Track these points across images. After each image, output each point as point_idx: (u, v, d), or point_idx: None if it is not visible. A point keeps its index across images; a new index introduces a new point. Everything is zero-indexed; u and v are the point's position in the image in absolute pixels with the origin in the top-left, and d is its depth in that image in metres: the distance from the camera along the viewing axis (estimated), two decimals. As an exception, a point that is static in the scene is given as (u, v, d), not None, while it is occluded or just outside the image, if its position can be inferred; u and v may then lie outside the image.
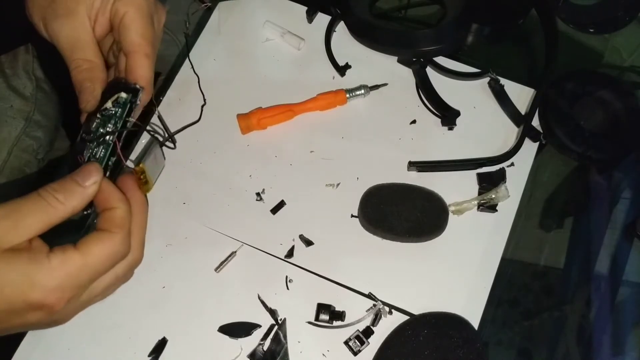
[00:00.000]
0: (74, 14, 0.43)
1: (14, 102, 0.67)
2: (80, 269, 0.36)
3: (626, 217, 0.60)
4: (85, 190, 0.38)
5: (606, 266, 0.59)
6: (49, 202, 0.36)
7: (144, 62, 0.44)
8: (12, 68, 0.68)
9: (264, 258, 0.56)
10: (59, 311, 0.36)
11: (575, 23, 0.67)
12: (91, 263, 0.37)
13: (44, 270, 0.35)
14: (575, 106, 0.60)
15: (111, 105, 0.44)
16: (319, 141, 0.60)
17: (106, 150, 0.43)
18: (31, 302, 0.35)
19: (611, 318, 0.57)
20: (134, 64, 0.44)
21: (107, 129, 0.44)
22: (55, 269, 0.35)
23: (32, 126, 0.68)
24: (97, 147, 0.43)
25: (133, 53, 0.44)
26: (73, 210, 0.37)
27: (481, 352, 0.51)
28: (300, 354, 0.53)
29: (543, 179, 0.61)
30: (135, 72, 0.44)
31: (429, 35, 0.60)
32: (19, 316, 0.36)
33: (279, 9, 0.65)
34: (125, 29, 0.44)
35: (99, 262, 0.37)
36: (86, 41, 0.44)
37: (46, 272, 0.35)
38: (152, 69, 0.45)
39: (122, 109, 0.44)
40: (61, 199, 0.37)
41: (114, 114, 0.44)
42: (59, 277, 0.35)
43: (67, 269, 0.36)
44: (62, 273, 0.36)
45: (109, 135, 0.43)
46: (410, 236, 0.55)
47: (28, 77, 0.69)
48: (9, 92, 0.67)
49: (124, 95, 0.44)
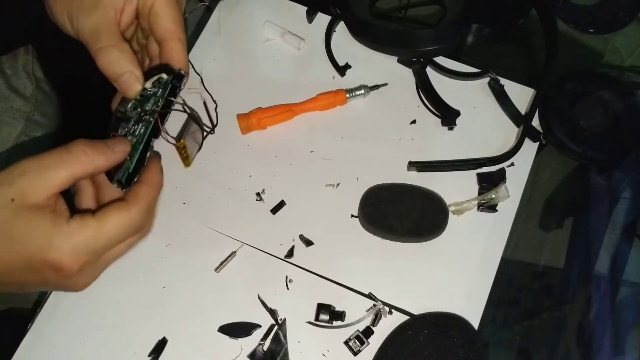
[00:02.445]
0: (99, 5, 0.43)
1: (14, 103, 0.67)
2: (96, 236, 0.38)
3: (626, 217, 0.60)
4: (114, 154, 0.40)
5: (606, 266, 0.59)
6: (77, 155, 0.38)
7: (179, 47, 0.45)
8: (12, 68, 0.68)
9: (264, 258, 0.56)
10: (73, 275, 0.38)
11: (575, 23, 0.67)
12: (107, 231, 0.39)
13: (63, 233, 0.37)
14: (575, 106, 0.60)
15: (151, 86, 0.45)
16: (319, 141, 0.60)
17: (146, 128, 0.44)
18: (48, 261, 0.37)
19: (611, 318, 0.57)
20: (170, 50, 0.45)
21: (147, 108, 0.44)
22: (73, 234, 0.37)
23: (32, 126, 0.68)
24: (136, 124, 0.44)
25: (168, 40, 0.45)
26: (97, 168, 0.39)
27: (481, 352, 0.51)
28: (300, 354, 0.53)
29: (543, 179, 0.61)
30: (172, 57, 0.45)
31: (429, 35, 0.60)
32: (36, 273, 0.38)
33: (279, 9, 0.65)
34: (156, 17, 0.45)
35: (115, 232, 0.39)
36: (109, 29, 0.44)
37: (64, 236, 0.37)
38: (186, 53, 0.46)
39: (164, 90, 0.45)
40: (89, 154, 0.38)
41: (153, 93, 0.45)
42: (75, 241, 0.37)
43: (84, 235, 0.38)
44: (79, 238, 0.37)
45: (149, 115, 0.44)
46: (410, 236, 0.55)
47: (28, 77, 0.69)
48: (9, 92, 0.67)
49: (164, 77, 0.45)
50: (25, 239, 0.37)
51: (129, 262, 0.55)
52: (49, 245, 0.37)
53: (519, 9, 0.66)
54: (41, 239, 0.37)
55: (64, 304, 0.54)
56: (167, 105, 0.45)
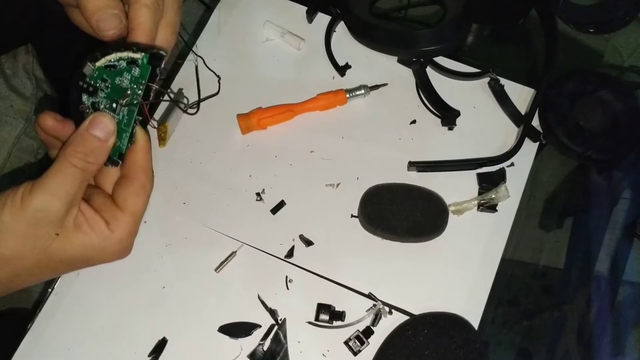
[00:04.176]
0: None
1: (14, 102, 0.67)
2: (134, 224, 0.42)
3: (626, 217, 0.60)
4: (107, 145, 0.41)
5: (606, 266, 0.59)
6: (83, 167, 0.40)
7: (145, 14, 0.41)
8: (12, 68, 0.68)
9: (264, 258, 0.56)
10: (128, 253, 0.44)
11: (575, 23, 0.67)
12: (139, 214, 0.43)
13: (113, 242, 0.41)
14: (575, 106, 0.60)
15: (119, 60, 0.41)
16: (319, 141, 0.60)
17: (130, 116, 0.42)
18: (108, 262, 0.43)
19: (611, 318, 0.57)
20: (134, 18, 0.41)
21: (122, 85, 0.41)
22: (122, 238, 0.42)
23: (32, 126, 0.68)
24: (110, 102, 0.42)
25: (132, 3, 0.41)
26: (102, 164, 0.41)
27: (481, 352, 0.51)
28: (300, 354, 0.53)
29: (543, 179, 0.61)
30: (135, 28, 0.41)
31: (429, 35, 0.60)
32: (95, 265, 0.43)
33: (279, 9, 0.65)
34: None
35: (143, 210, 0.43)
36: None
37: (116, 243, 0.41)
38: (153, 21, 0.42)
39: (142, 70, 0.41)
40: (92, 161, 0.40)
41: (125, 70, 0.41)
42: (125, 240, 0.42)
43: (128, 231, 0.42)
44: (125, 236, 0.42)
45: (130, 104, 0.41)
46: (410, 236, 0.55)
47: (28, 77, 0.69)
48: (9, 92, 0.67)
49: (137, 56, 0.40)
50: (83, 257, 0.41)
51: (129, 262, 0.55)
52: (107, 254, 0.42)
53: (519, 9, 0.66)
54: (97, 254, 0.41)
55: (64, 304, 0.54)
56: (147, 90, 0.42)
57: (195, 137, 0.60)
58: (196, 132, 0.60)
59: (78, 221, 0.40)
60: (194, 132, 0.60)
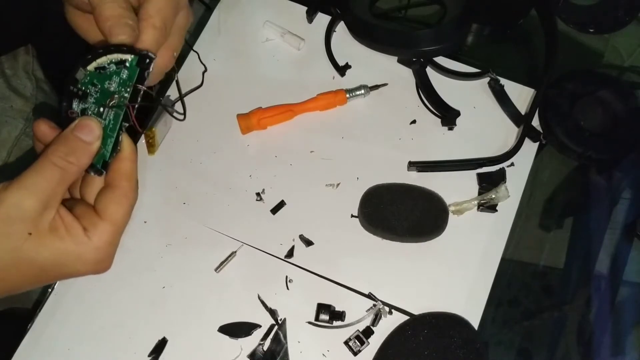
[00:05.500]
0: None
1: (14, 103, 0.67)
2: (113, 233, 0.41)
3: (626, 217, 0.60)
4: (92, 148, 0.40)
5: (606, 266, 0.59)
6: (63, 166, 0.39)
7: (150, 32, 0.42)
8: (12, 68, 0.68)
9: (264, 258, 0.56)
10: (107, 267, 0.42)
11: (575, 23, 0.67)
12: (119, 224, 0.41)
13: (90, 249, 0.39)
14: (575, 106, 0.60)
15: (109, 63, 0.41)
16: (319, 141, 0.60)
17: (118, 116, 0.41)
18: (83, 273, 0.41)
19: (611, 318, 0.57)
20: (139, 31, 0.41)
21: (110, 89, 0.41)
22: (99, 246, 0.40)
23: (32, 126, 0.68)
24: (98, 107, 0.41)
25: (142, 21, 0.42)
26: (83, 167, 0.40)
27: (481, 352, 0.51)
28: (300, 354, 0.53)
29: (543, 179, 0.61)
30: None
31: (429, 35, 0.60)
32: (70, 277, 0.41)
33: (279, 9, 0.65)
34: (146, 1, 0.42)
35: (124, 219, 0.41)
36: None
37: (92, 250, 0.39)
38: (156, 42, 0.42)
39: (131, 73, 0.41)
40: (74, 161, 0.39)
41: (114, 73, 0.41)
42: (102, 249, 0.40)
43: (105, 240, 0.40)
44: (103, 245, 0.40)
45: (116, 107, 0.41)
46: (410, 236, 0.55)
47: (28, 77, 0.69)
48: (9, 92, 0.67)
49: (127, 57, 0.41)
50: (54, 263, 0.39)
51: (129, 262, 0.55)
52: (83, 263, 0.40)
53: (519, 9, 0.66)
54: (72, 261, 0.39)
55: (64, 304, 0.54)
56: (135, 93, 0.42)
57: (195, 137, 0.60)
58: (196, 132, 0.60)
59: (55, 225, 0.38)
60: (194, 132, 0.60)
